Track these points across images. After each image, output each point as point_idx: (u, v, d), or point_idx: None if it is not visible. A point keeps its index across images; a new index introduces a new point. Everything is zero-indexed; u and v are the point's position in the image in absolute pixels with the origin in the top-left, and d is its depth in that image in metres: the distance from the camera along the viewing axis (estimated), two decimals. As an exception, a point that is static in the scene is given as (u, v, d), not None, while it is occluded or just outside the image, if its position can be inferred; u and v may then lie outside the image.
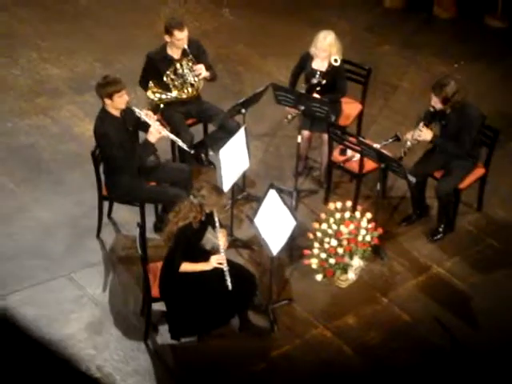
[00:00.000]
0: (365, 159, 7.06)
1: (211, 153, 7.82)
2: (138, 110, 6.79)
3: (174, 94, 7.51)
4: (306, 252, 6.59)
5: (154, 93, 7.44)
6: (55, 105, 8.77)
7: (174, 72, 7.50)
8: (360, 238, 6.56)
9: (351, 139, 7.13)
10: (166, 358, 6.20)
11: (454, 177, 7.07)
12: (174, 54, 7.51)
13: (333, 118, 7.41)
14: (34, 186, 7.69)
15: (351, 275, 6.69)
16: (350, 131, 7.58)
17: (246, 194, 7.59)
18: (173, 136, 6.95)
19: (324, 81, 7.49)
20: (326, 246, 6.52)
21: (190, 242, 5.99)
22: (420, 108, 7.45)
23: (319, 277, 6.59)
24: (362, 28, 10.19)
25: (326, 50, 7.44)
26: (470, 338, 6.42)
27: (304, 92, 7.45)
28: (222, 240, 6.03)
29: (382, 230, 6.72)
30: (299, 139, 7.42)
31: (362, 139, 7.03)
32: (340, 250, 6.50)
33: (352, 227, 6.57)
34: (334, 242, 6.50)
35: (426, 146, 7.26)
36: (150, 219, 7.14)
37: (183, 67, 7.50)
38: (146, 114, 6.79)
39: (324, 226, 6.58)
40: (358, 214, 6.66)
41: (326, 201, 7.43)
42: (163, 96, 7.45)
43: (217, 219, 5.98)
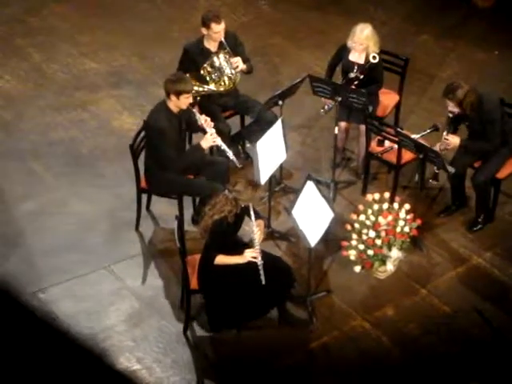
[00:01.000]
0: (403, 150, 7.02)
1: (248, 145, 7.83)
2: (199, 114, 6.81)
3: (211, 86, 7.52)
4: (344, 243, 6.58)
5: (191, 85, 7.46)
6: (94, 99, 8.83)
7: (211, 65, 7.50)
8: (398, 229, 6.52)
9: (389, 130, 7.10)
10: (205, 350, 6.23)
11: (489, 165, 7.02)
12: (210, 46, 7.51)
13: (370, 108, 7.38)
14: (73, 180, 7.73)
15: (390, 266, 6.66)
16: (388, 122, 7.55)
17: (284, 185, 7.58)
18: (225, 146, 6.90)
19: (362, 76, 7.46)
20: (364, 238, 6.50)
21: (226, 235, 6.01)
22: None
23: (357, 268, 6.57)
24: (400, 18, 10.13)
25: (362, 43, 7.40)
26: (511, 329, 6.36)
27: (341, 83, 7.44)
28: (257, 234, 6.02)
29: (421, 221, 6.68)
30: (336, 130, 7.40)
31: (399, 130, 7.00)
32: (378, 242, 6.47)
33: (390, 218, 6.54)
34: (372, 234, 6.48)
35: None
36: (187, 212, 7.16)
37: (220, 60, 7.50)
38: (204, 119, 6.81)
39: (362, 218, 6.56)
40: (396, 205, 6.63)
41: (364, 192, 7.42)
42: (200, 89, 7.46)
43: (252, 213, 5.99)
